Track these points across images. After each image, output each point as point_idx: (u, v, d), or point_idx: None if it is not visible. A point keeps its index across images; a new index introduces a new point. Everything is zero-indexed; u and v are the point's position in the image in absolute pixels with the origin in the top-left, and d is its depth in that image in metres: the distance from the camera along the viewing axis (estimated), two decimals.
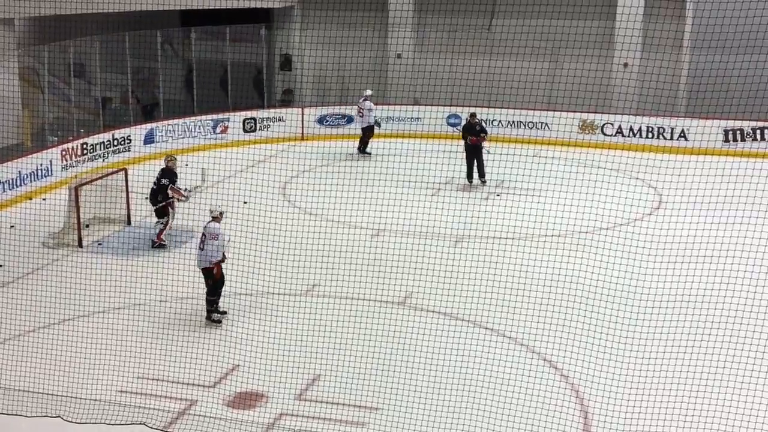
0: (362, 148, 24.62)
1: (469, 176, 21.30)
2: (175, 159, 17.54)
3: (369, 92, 24.44)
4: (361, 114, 24.61)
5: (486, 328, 12.88)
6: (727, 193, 13.69)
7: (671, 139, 25.05)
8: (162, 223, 16.88)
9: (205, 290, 13.20)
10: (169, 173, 17.04)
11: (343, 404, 10.75)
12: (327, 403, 10.80)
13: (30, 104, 23.73)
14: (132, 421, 10.23)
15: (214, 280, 13.08)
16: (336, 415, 10.54)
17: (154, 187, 17.00)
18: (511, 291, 13.41)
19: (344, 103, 26.39)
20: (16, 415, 10.09)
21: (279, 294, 13.89)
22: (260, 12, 28.72)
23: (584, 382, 10.95)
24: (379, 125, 24.80)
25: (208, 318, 13.14)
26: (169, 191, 16.84)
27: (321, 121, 27.13)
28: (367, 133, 24.65)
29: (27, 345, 12.20)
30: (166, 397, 10.94)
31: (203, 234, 13.13)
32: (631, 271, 13.56)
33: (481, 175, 21.32)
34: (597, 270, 13.77)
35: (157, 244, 16.74)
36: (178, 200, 16.98)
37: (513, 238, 16.62)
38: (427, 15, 27.63)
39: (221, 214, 13.28)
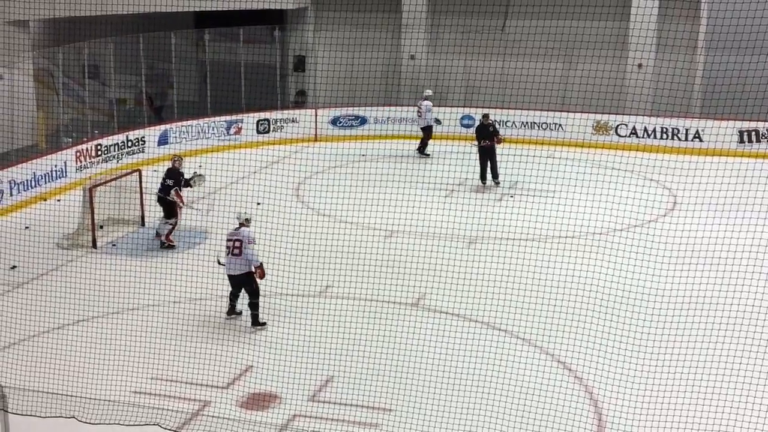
0: (422, 149, 24.58)
1: (483, 177, 21.26)
2: (181, 159, 17.59)
3: (429, 92, 24.44)
4: (420, 114, 24.59)
5: (499, 330, 12.85)
6: (742, 195, 13.63)
7: (686, 140, 24.95)
8: (170, 224, 16.88)
9: (247, 296, 13.03)
10: (174, 174, 17.04)
11: (356, 405, 10.74)
12: (340, 404, 10.80)
13: (44, 106, 23.83)
14: (146, 421, 10.24)
15: (256, 283, 13.00)
16: (349, 417, 10.53)
17: (160, 187, 17.05)
18: (525, 292, 13.38)
19: (357, 104, 26.37)
20: (30, 415, 10.12)
21: (292, 295, 13.90)
22: (274, 13, 28.76)
23: (598, 384, 10.90)
24: (439, 122, 24.75)
25: (255, 324, 12.96)
26: (173, 194, 16.86)
27: (334, 122, 27.15)
28: (427, 133, 24.62)
29: (41, 346, 12.24)
30: (179, 398, 10.95)
31: (237, 240, 12.91)
32: (645, 272, 13.51)
33: (495, 176, 21.28)
34: (611, 271, 13.73)
35: (166, 245, 16.75)
36: (178, 206, 16.98)
37: (526, 240, 16.58)
38: (440, 16, 27.61)
39: (248, 220, 13.20)
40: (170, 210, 16.91)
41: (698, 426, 9.82)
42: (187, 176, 17.18)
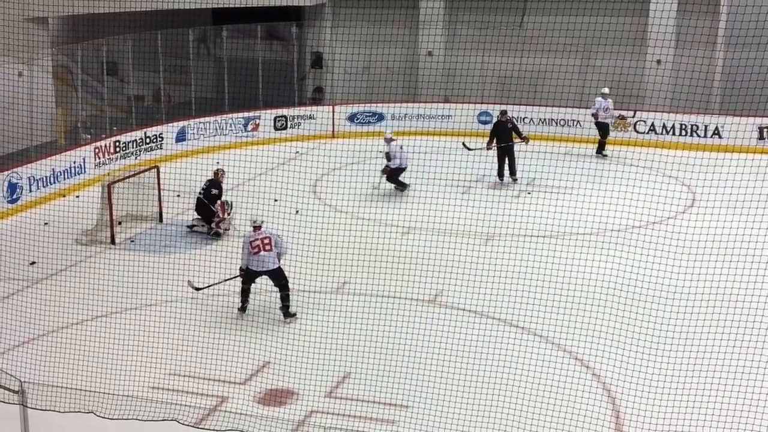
0: (600, 150, 23.98)
1: (500, 174, 21.21)
2: (224, 172, 17.88)
3: (606, 90, 23.71)
4: (595, 116, 24.02)
5: (517, 327, 12.82)
6: (762, 191, 13.54)
7: (705, 136, 24.82)
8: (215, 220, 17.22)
9: (278, 290, 13.26)
10: (217, 185, 17.45)
11: (373, 402, 10.75)
12: (357, 400, 10.80)
13: (64, 102, 23.96)
14: (164, 417, 10.28)
15: (286, 276, 13.30)
16: (366, 413, 10.54)
17: (201, 195, 17.28)
18: (542, 289, 13.35)
19: (374, 101, 26.37)
20: (49, 410, 10.17)
21: (309, 291, 13.91)
22: (291, 10, 28.80)
23: (615, 382, 10.86)
24: (629, 117, 24.43)
25: (287, 315, 13.15)
26: (217, 205, 17.21)
27: (352, 118, 27.15)
28: (605, 132, 23.97)
29: (60, 341, 12.31)
30: (197, 393, 10.99)
31: (265, 237, 13.11)
32: (664, 269, 13.43)
33: (513, 172, 21.23)
34: (629, 268, 13.69)
35: (214, 232, 17.18)
36: (219, 216, 17.25)
37: (544, 236, 16.54)
38: (458, 12, 27.57)
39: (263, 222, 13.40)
40: (208, 217, 17.25)
41: (717, 424, 9.78)
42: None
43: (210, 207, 17.16)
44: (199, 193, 17.37)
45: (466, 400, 10.51)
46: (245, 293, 13.33)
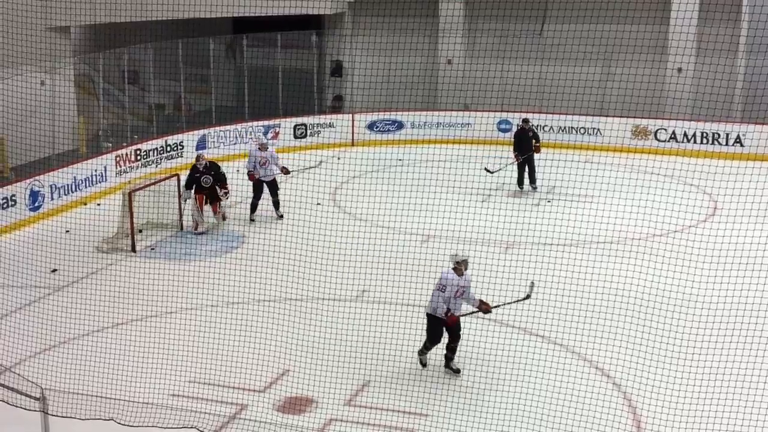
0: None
1: (520, 182, 21.17)
2: (199, 156, 18.61)
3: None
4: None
5: (536, 335, 12.77)
6: None
7: (726, 144, 24.68)
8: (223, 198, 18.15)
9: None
10: (213, 167, 18.24)
11: (393, 410, 10.73)
12: (376, 409, 10.78)
13: (85, 111, 24.13)
14: (183, 424, 10.30)
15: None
16: (385, 421, 10.52)
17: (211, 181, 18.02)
18: (562, 298, 13.29)
19: (394, 109, 26.39)
20: (70, 417, 10.22)
21: (329, 299, 13.92)
22: (311, 19, 28.88)
23: (636, 391, 10.80)
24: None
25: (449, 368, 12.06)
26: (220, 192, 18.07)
27: (371, 126, 27.19)
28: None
29: (81, 349, 12.37)
30: (217, 401, 11.01)
31: (462, 287, 11.70)
32: (685, 278, 13.34)
33: (532, 180, 21.18)
34: (650, 277, 13.60)
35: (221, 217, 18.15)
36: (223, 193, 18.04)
37: (564, 245, 16.48)
38: (477, 20, 27.57)
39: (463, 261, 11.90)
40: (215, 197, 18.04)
41: None
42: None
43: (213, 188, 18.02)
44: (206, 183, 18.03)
45: (485, 409, 10.48)
46: None
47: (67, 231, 17.51)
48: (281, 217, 18.57)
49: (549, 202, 20.12)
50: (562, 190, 20.31)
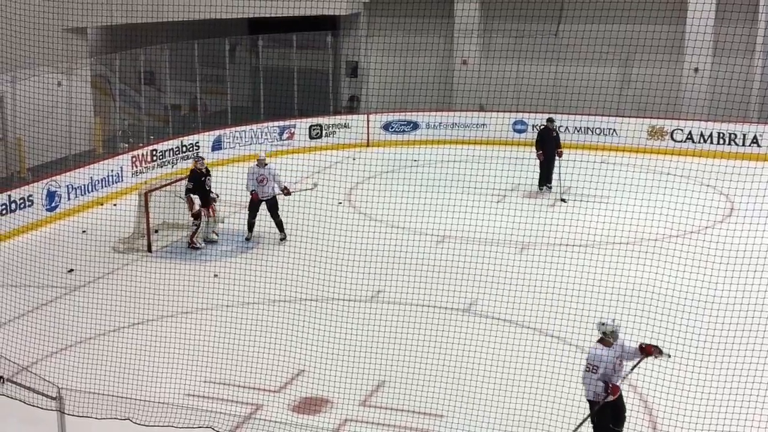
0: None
1: (541, 183, 21.14)
2: (202, 159, 17.76)
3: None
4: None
5: (552, 336, 12.75)
6: None
7: (743, 145, 24.55)
8: (195, 225, 17.09)
9: None
10: (194, 175, 17.25)
11: (408, 411, 10.73)
12: (391, 409, 10.78)
13: (102, 112, 24.23)
14: (199, 424, 10.33)
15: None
16: (400, 422, 10.52)
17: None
18: (578, 299, 13.25)
19: (409, 109, 26.38)
20: (86, 417, 10.26)
21: (344, 300, 13.92)
22: (327, 19, 28.91)
23: (652, 393, 10.75)
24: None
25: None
26: (186, 197, 17.16)
27: (386, 127, 27.19)
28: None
29: (97, 348, 12.43)
30: (232, 401, 11.04)
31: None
32: (702, 280, 13.29)
33: (548, 181, 21.14)
34: (665, 278, 13.55)
35: (191, 246, 17.03)
36: (191, 210, 17.16)
37: (580, 246, 16.43)
38: (493, 21, 27.51)
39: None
40: (196, 212, 17.16)
41: None
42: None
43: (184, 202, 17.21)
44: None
45: (500, 410, 10.45)
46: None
47: (84, 231, 17.58)
48: (284, 239, 17.29)
49: (565, 201, 20.08)
50: (577, 191, 20.25)
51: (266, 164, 17.51)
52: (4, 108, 20.91)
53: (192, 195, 17.09)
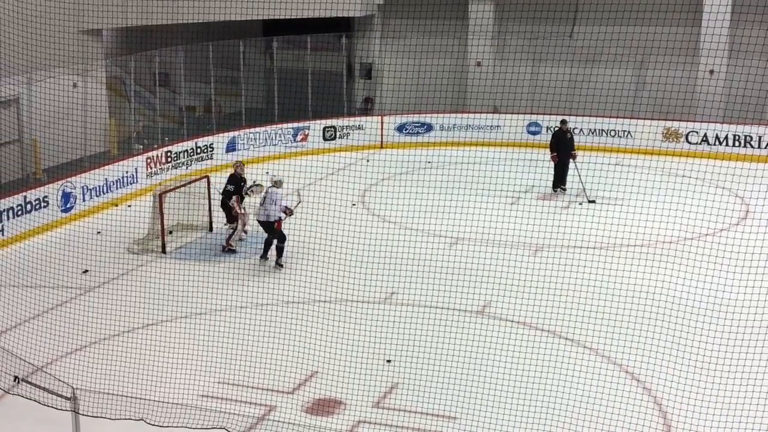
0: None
1: (555, 185, 21.10)
2: (243, 165, 17.67)
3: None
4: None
5: (566, 339, 12.71)
6: None
7: (759, 147, 24.43)
8: (232, 228, 17.07)
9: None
10: (234, 179, 17.19)
11: (421, 413, 10.72)
12: (405, 411, 10.78)
13: (117, 113, 24.32)
14: (212, 425, 10.34)
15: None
16: (413, 424, 10.51)
17: (221, 194, 17.27)
18: (592, 301, 13.22)
19: (423, 111, 26.38)
20: (101, 417, 10.29)
21: (357, 302, 13.93)
22: (341, 21, 28.94)
23: (667, 395, 10.72)
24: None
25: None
26: (233, 201, 16.99)
27: (400, 129, 27.19)
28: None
29: (112, 349, 12.47)
30: (246, 402, 11.05)
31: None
32: (717, 282, 13.25)
33: (563, 182, 21.09)
34: (680, 281, 13.50)
35: (227, 249, 16.93)
36: (236, 212, 17.09)
37: (594, 248, 16.39)
38: (507, 23, 27.49)
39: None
40: (231, 215, 17.11)
41: None
42: (249, 183, 17.31)
43: (226, 203, 17.07)
44: (221, 192, 17.37)
45: (513, 412, 10.43)
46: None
47: (99, 232, 17.65)
48: (281, 266, 15.92)
49: (580, 204, 20.03)
50: (592, 193, 20.19)
51: (281, 185, 16.45)
52: (20, 109, 21.04)
53: (234, 197, 17.05)
